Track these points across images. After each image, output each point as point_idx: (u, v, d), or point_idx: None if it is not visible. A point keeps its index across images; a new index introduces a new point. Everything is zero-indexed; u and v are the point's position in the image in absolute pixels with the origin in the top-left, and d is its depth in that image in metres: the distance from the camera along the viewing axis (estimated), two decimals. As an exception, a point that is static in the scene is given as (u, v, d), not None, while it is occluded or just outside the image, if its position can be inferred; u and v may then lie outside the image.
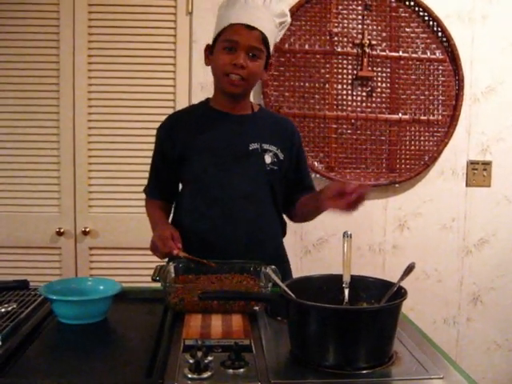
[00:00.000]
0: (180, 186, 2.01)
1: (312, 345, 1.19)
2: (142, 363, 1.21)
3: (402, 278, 1.30)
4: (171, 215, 2.01)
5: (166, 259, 1.79)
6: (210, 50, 1.88)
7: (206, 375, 1.10)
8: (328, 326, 1.17)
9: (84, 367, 1.21)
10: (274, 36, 1.86)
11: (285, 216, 2.05)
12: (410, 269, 1.30)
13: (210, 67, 1.88)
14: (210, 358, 1.15)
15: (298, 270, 2.94)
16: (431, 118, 2.99)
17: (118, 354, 1.31)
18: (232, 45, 1.79)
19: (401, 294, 1.25)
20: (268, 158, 1.88)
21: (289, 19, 1.91)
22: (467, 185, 3.07)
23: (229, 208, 1.85)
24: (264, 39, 1.80)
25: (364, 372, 1.16)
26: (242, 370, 1.14)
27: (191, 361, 1.14)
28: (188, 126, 1.92)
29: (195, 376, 1.10)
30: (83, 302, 1.45)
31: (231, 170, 1.86)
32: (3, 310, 1.40)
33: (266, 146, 1.89)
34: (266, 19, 1.81)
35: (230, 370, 1.14)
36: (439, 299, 3.11)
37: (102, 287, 1.55)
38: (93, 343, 1.37)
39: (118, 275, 2.78)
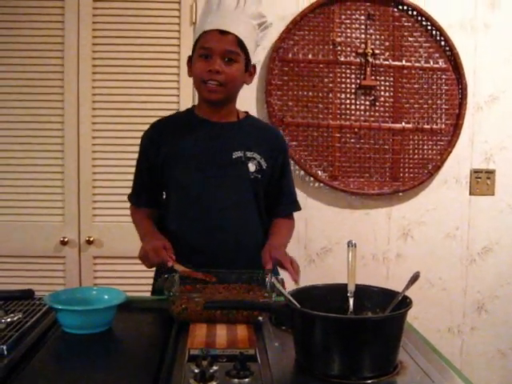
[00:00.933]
0: (164, 193, 2.00)
1: (317, 354, 1.19)
2: (147, 373, 1.20)
3: (407, 287, 1.30)
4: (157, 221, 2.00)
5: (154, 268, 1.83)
6: (191, 61, 1.89)
7: (211, 385, 1.11)
8: (333, 336, 1.17)
9: (89, 377, 1.21)
10: (253, 38, 1.86)
11: None
12: (414, 278, 1.30)
13: None
14: (215, 368, 1.15)
15: (302, 279, 2.92)
16: (434, 126, 3.00)
17: (123, 364, 1.30)
18: (207, 52, 1.79)
19: (406, 303, 1.25)
20: (252, 166, 1.88)
21: (268, 20, 1.90)
22: (471, 193, 3.08)
23: (216, 217, 1.86)
24: (239, 42, 1.80)
25: (369, 382, 1.16)
26: (247, 379, 1.14)
27: (196, 370, 1.14)
28: (172, 133, 1.92)
29: (200, 385, 1.10)
30: (88, 311, 1.45)
31: (216, 179, 1.86)
32: (9, 319, 1.40)
33: (249, 154, 1.88)
34: (240, 22, 1.81)
35: (236, 380, 1.13)
36: (443, 308, 3.11)
37: (106, 297, 1.54)
38: (98, 353, 1.37)
39: (122, 284, 2.78)
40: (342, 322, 1.19)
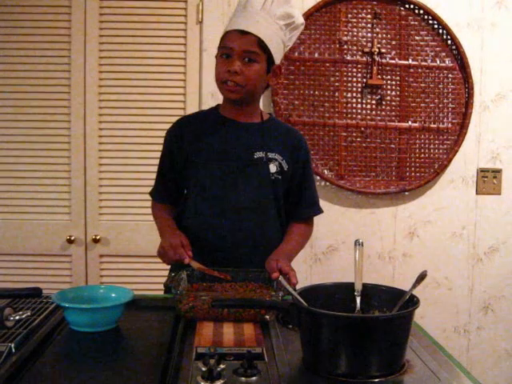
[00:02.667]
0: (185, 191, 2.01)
1: (324, 353, 1.19)
2: (154, 371, 1.21)
3: (414, 286, 1.30)
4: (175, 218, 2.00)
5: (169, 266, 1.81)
6: None
7: (218, 383, 1.11)
8: (340, 335, 1.17)
9: (96, 375, 1.22)
10: (278, 39, 1.84)
11: None
12: (422, 277, 1.30)
13: None
14: (222, 366, 1.15)
15: (308, 278, 2.97)
16: (441, 125, 2.99)
17: (130, 362, 1.31)
18: (227, 51, 1.80)
19: (413, 302, 1.25)
20: (273, 167, 1.88)
21: (298, 20, 1.88)
22: (477, 192, 3.07)
23: (235, 217, 1.86)
24: (260, 42, 1.79)
25: (376, 380, 1.16)
26: (254, 378, 1.14)
27: (204, 369, 1.14)
28: (195, 131, 1.93)
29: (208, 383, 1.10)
30: (95, 309, 1.46)
31: (237, 179, 1.86)
32: (17, 317, 1.40)
33: (271, 155, 1.88)
34: (264, 23, 1.80)
35: (243, 378, 1.14)
36: (450, 307, 3.10)
37: (114, 295, 1.55)
38: (105, 351, 1.37)
39: (128, 283, 2.81)
40: (350, 320, 1.19)
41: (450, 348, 1.38)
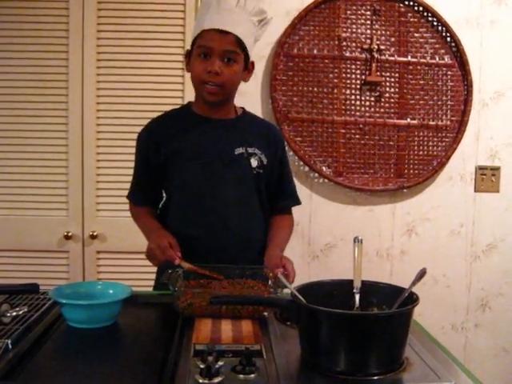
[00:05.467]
0: (164, 192, 1.99)
1: (323, 350, 1.18)
2: (152, 368, 1.20)
3: (414, 283, 1.29)
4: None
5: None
6: (189, 56, 1.86)
7: (217, 380, 1.10)
8: (339, 332, 1.17)
9: (94, 372, 1.21)
10: (252, 35, 1.84)
11: None
12: (421, 274, 1.30)
13: None
14: (220, 363, 1.14)
15: (306, 275, 2.94)
16: (440, 123, 2.99)
17: (127, 359, 1.30)
18: (206, 51, 1.77)
19: (412, 299, 1.24)
20: (254, 162, 1.88)
21: (268, 15, 1.88)
22: (476, 190, 3.07)
23: (222, 214, 1.86)
24: (239, 42, 1.78)
25: (375, 378, 1.15)
26: (252, 375, 1.13)
27: (202, 366, 1.13)
28: (171, 132, 1.90)
29: (206, 381, 1.10)
30: (93, 305, 1.45)
31: (220, 177, 1.86)
32: (14, 313, 1.40)
33: (250, 150, 1.88)
34: (241, 21, 1.79)
35: (241, 376, 1.13)
36: (447, 305, 3.10)
37: (111, 291, 1.54)
38: (102, 347, 1.36)
39: (125, 279, 2.76)
40: (349, 317, 1.19)
41: (447, 345, 1.37)
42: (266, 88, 2.92)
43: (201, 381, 1.10)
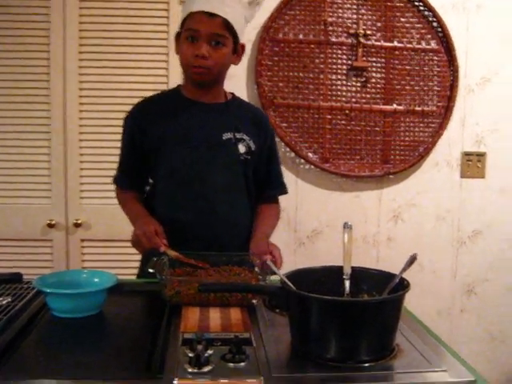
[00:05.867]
0: (151, 178, 1.96)
1: (313, 338, 1.17)
2: (139, 357, 1.18)
3: (404, 269, 1.27)
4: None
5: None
6: (179, 38, 1.84)
7: (206, 369, 1.08)
8: (329, 319, 1.15)
9: (80, 362, 1.19)
10: (242, 18, 1.82)
11: None
12: (411, 260, 1.28)
13: None
14: (210, 352, 1.12)
15: (292, 263, 2.88)
16: (426, 108, 2.98)
17: (114, 348, 1.28)
18: (194, 34, 1.75)
19: (403, 285, 1.23)
20: (242, 148, 1.87)
21: None
22: (462, 176, 3.07)
23: (209, 200, 1.84)
24: (227, 25, 1.76)
25: (366, 365, 1.14)
26: (243, 363, 1.11)
27: (191, 354, 1.11)
28: (159, 115, 1.88)
29: (195, 370, 1.07)
30: (77, 295, 1.42)
31: (208, 161, 1.84)
32: (-2, 303, 1.37)
33: (238, 136, 1.87)
34: (229, 3, 1.76)
35: (231, 364, 1.11)
36: (433, 290, 3.11)
37: (96, 280, 1.52)
38: (88, 337, 1.34)
39: (110, 268, 2.74)
40: (339, 304, 1.17)
41: (433, 330, 1.37)
42: (251, 73, 2.89)
43: (190, 370, 1.08)
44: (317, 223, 3.00)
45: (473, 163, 3.06)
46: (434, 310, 3.13)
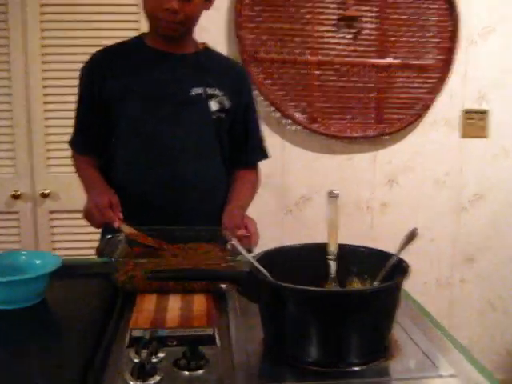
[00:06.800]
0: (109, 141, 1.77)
1: (290, 337, 0.95)
2: (77, 362, 0.96)
3: (403, 247, 1.06)
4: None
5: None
6: None
7: (152, 381, 0.86)
8: (309, 313, 0.94)
9: (8, 366, 0.98)
10: None
11: None
12: (411, 236, 1.06)
13: None
14: (161, 356, 0.92)
15: (279, 232, 2.80)
16: (423, 62, 2.81)
17: (51, 349, 1.07)
18: None
19: (401, 268, 1.00)
20: (214, 105, 1.70)
21: None
22: (462, 136, 2.93)
23: (174, 164, 1.67)
24: None
25: (356, 369, 0.94)
26: (200, 371, 0.91)
27: (136, 360, 0.89)
28: (119, 65, 1.71)
29: (138, 383, 0.85)
30: (14, 282, 1.20)
31: (172, 119, 1.67)
32: None
33: (210, 91, 1.70)
34: None
35: (186, 372, 0.90)
36: (431, 259, 3.00)
37: (38, 262, 1.31)
38: (23, 334, 1.12)
39: (82, 241, 2.63)
40: (321, 296, 0.95)
41: (431, 301, 1.19)
42: (230, 25, 2.68)
43: (132, 382, 0.86)
44: (305, 189, 2.84)
45: (474, 122, 2.91)
46: (433, 279, 3.02)
